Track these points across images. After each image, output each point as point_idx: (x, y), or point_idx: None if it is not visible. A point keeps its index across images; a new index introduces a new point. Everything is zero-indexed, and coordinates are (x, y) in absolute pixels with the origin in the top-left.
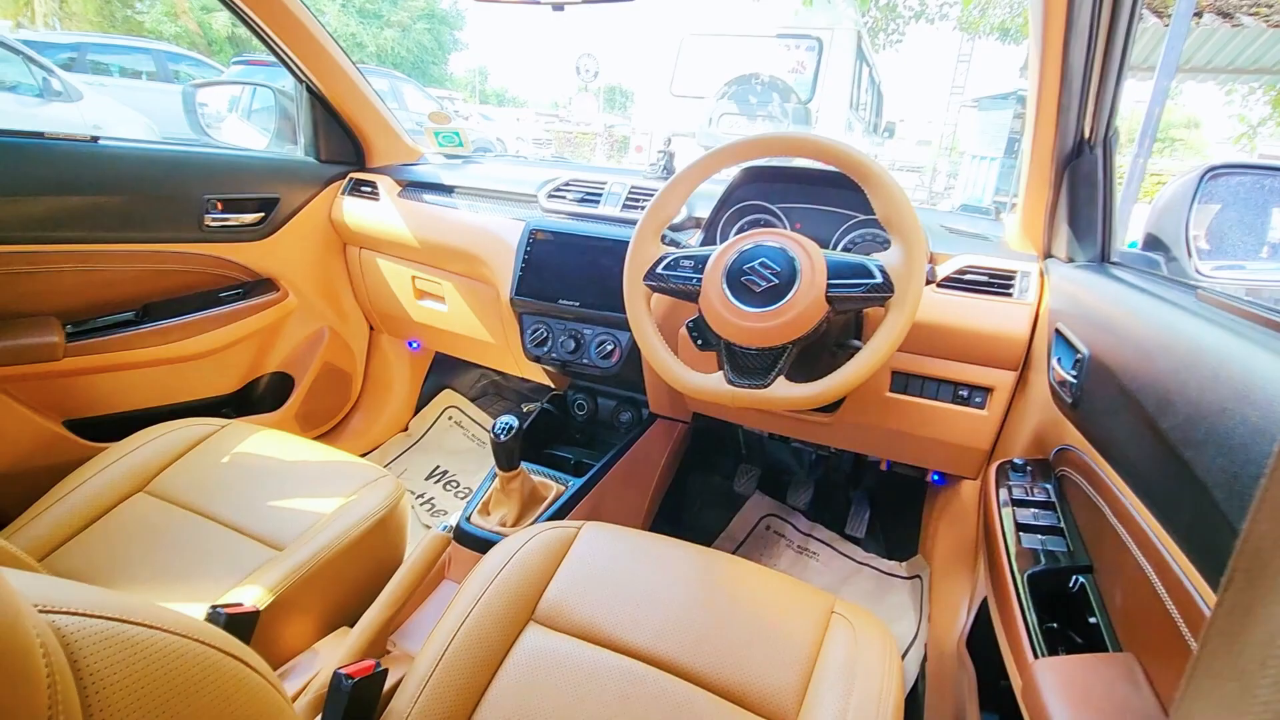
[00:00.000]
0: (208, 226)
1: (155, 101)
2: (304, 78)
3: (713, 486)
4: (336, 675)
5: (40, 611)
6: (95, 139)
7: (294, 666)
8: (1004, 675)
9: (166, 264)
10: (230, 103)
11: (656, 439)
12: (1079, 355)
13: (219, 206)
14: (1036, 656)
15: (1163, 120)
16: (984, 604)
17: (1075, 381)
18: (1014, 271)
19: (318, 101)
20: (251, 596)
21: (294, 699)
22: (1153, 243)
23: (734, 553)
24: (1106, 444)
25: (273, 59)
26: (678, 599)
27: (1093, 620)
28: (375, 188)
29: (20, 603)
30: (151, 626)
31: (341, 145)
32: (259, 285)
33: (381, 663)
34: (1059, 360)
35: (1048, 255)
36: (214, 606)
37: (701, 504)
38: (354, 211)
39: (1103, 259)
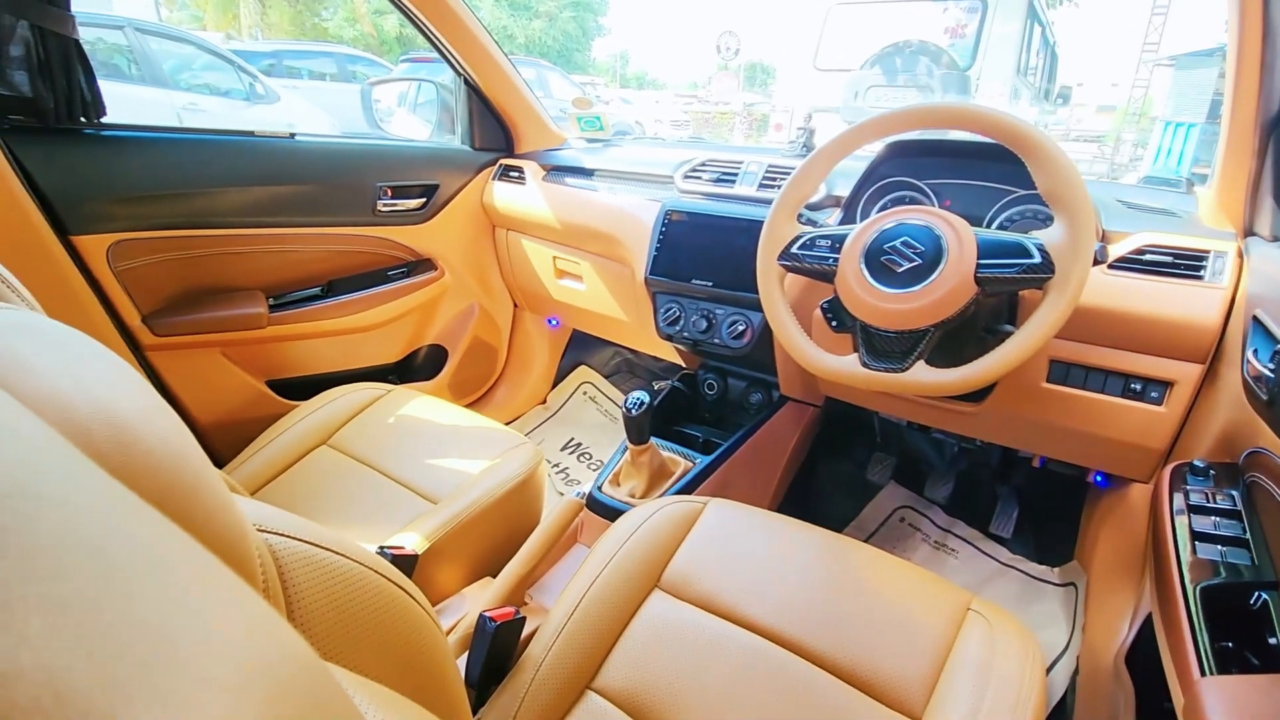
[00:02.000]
0: (379, 212)
1: (336, 100)
2: (462, 71)
3: (844, 473)
4: (482, 618)
5: (258, 530)
6: (293, 135)
7: (445, 607)
8: (1166, 697)
9: (346, 245)
10: (399, 98)
11: (786, 421)
12: (1279, 346)
13: (389, 193)
14: (1204, 674)
15: None
16: (1149, 620)
17: (1273, 376)
18: (1205, 251)
19: (473, 93)
20: (411, 542)
21: (446, 634)
22: None
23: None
24: None
25: (435, 55)
26: (803, 579)
27: (1274, 641)
28: (522, 173)
29: (246, 520)
30: (341, 554)
31: (493, 133)
32: (420, 264)
33: (520, 611)
34: (1255, 352)
35: (1249, 233)
36: (381, 547)
37: (832, 490)
38: (503, 195)
39: None
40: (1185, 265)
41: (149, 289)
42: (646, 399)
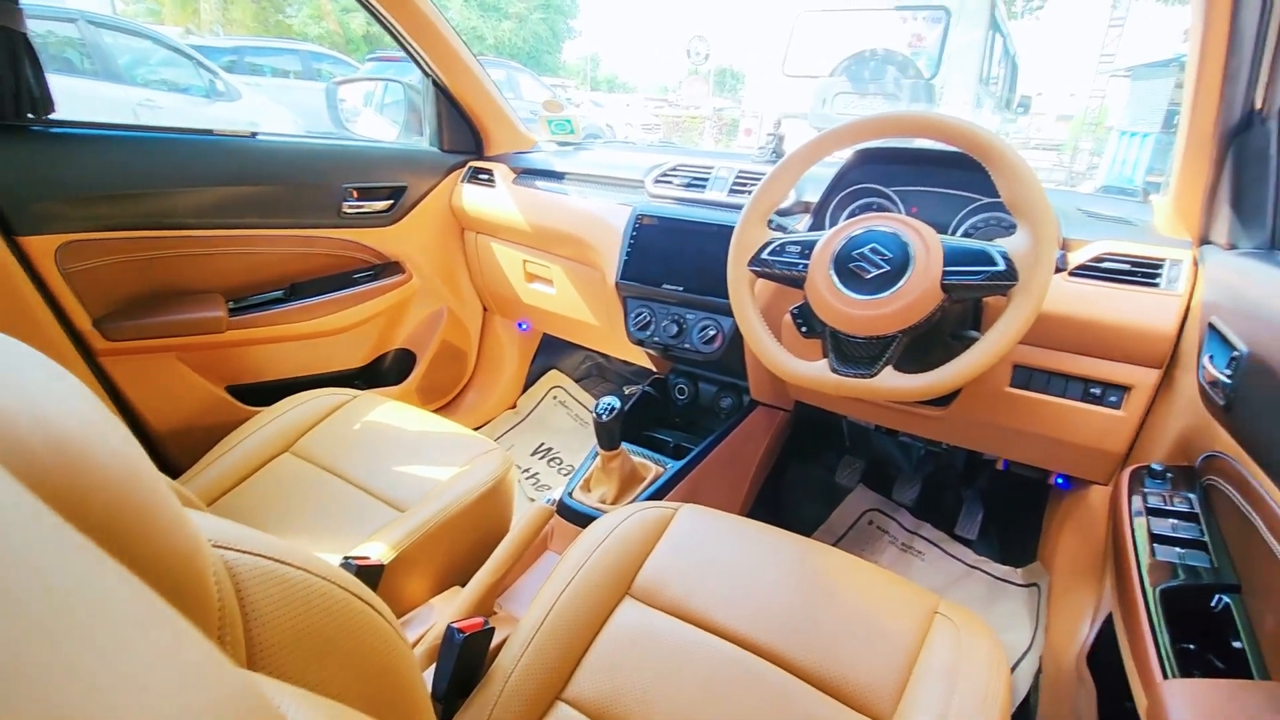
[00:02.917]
0: (345, 213)
1: (301, 99)
2: (430, 71)
3: (813, 477)
4: (450, 629)
5: (214, 547)
6: (254, 134)
7: (412, 618)
8: (1127, 695)
9: (310, 247)
10: (365, 98)
11: (757, 426)
12: (1236, 353)
13: (355, 195)
14: (1166, 677)
15: None
16: (1109, 620)
17: (1230, 382)
18: (1161, 259)
19: (442, 94)
20: (377, 551)
21: (412, 647)
22: None
23: (833, 546)
24: (1265, 452)
25: (403, 55)
26: (774, 585)
27: (1237, 644)
28: (492, 175)
29: (200, 536)
30: (302, 569)
31: (462, 135)
32: (387, 267)
33: (489, 622)
34: (1211, 358)
35: (1204, 241)
36: (346, 558)
37: (801, 494)
38: (472, 198)
39: (1273, 245)
40: (1142, 273)
41: (101, 292)
42: (617, 404)
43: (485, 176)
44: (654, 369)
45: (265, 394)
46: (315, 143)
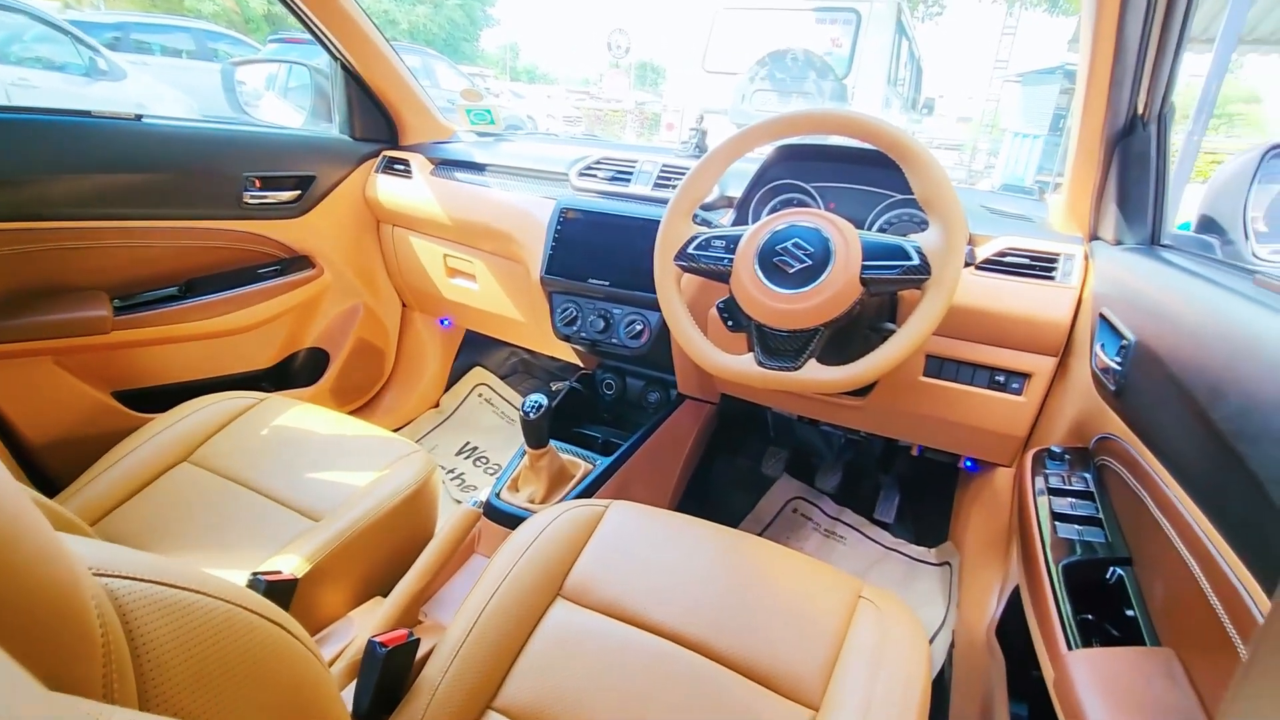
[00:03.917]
0: (246, 204)
1: (195, 80)
2: (339, 55)
3: (740, 468)
4: (371, 643)
5: (95, 575)
6: (139, 117)
7: (330, 634)
8: (1035, 665)
9: (208, 240)
10: (268, 81)
11: (684, 420)
12: (1124, 342)
13: (257, 184)
14: (1070, 648)
15: (1219, 96)
16: (1015, 593)
17: (1119, 369)
18: (1057, 254)
19: (352, 79)
20: (290, 565)
21: (330, 664)
22: (1207, 224)
23: (760, 535)
24: (1151, 434)
25: (308, 36)
26: (704, 579)
27: (1130, 613)
28: (408, 165)
29: (78, 565)
30: (199, 592)
31: (375, 123)
32: (295, 262)
33: (414, 632)
34: (1103, 346)
35: (1094, 237)
36: (255, 574)
37: (728, 485)
38: (387, 189)
39: (1153, 241)
40: (1040, 267)
41: None
42: (544, 401)
43: (401, 167)
44: (581, 365)
45: (160, 399)
46: (210, 127)
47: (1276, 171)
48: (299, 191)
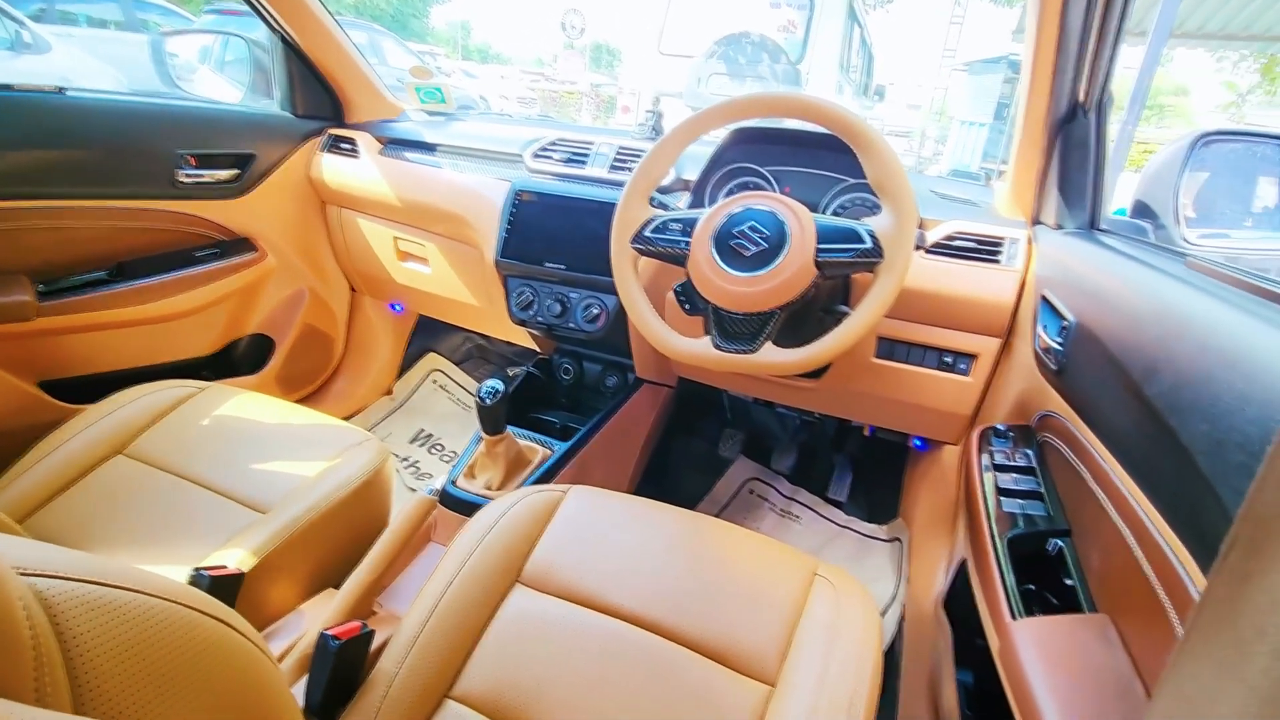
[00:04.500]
0: (181, 183)
1: (123, 52)
2: (279, 28)
3: (697, 451)
4: (323, 636)
5: (21, 574)
6: (61, 90)
7: (279, 628)
8: (980, 635)
9: (139, 221)
10: (201, 53)
11: (642, 403)
12: (1065, 323)
13: (192, 162)
14: (1015, 618)
15: (1150, 87)
16: (962, 566)
17: (1061, 349)
18: (1002, 238)
19: (293, 54)
20: (235, 559)
21: (280, 660)
22: (1141, 210)
23: (717, 515)
24: (1090, 411)
25: (245, 8)
26: (662, 561)
27: (1069, 582)
28: (355, 145)
29: (2, 565)
30: (134, 590)
31: (318, 100)
32: (236, 245)
33: (368, 624)
34: (1045, 327)
35: (1036, 222)
36: (197, 569)
37: (686, 468)
38: (333, 169)
39: (1092, 226)
40: (986, 250)
41: None
42: (501, 387)
43: (347, 146)
44: (537, 349)
45: (91, 389)
46: (139, 101)
47: (1205, 160)
48: (238, 170)
